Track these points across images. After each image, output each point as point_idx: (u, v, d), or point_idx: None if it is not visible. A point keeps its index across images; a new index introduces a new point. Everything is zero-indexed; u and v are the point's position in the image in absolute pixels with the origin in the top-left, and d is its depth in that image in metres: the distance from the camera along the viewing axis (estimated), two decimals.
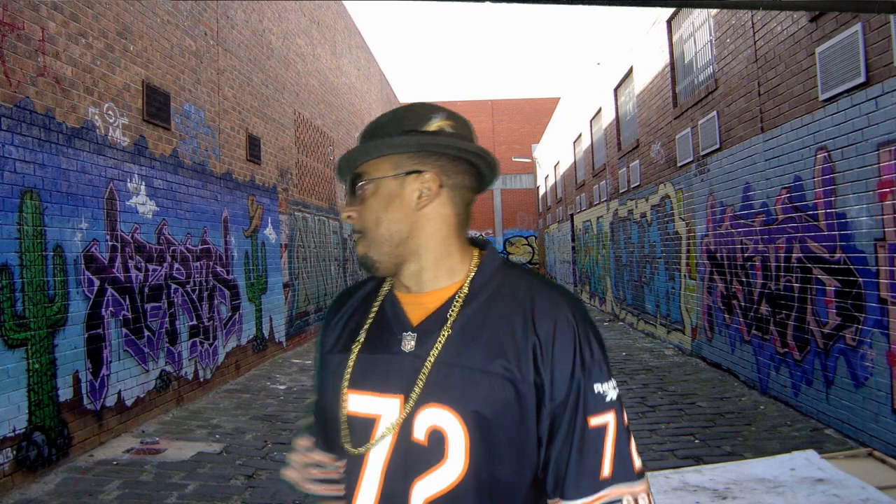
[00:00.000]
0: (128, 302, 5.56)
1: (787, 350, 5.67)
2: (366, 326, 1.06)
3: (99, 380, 5.10)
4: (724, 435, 5.00)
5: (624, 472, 0.93)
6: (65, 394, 4.70)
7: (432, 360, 0.97)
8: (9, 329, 4.20)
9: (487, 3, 3.36)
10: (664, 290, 9.69)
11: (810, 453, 3.22)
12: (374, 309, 1.07)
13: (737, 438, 4.91)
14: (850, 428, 4.69)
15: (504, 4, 3.35)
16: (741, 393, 6.28)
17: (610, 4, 3.56)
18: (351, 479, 1.02)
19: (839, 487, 2.76)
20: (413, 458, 0.96)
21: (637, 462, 0.95)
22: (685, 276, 8.66)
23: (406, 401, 0.97)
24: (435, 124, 1.02)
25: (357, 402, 1.01)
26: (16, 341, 4.26)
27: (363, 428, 1.00)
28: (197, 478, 4.38)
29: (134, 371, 5.60)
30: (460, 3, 3.47)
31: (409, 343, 1.00)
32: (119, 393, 5.35)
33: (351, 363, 1.03)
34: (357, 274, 14.81)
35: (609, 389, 0.95)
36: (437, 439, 0.95)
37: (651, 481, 3.12)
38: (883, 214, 4.22)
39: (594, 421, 0.93)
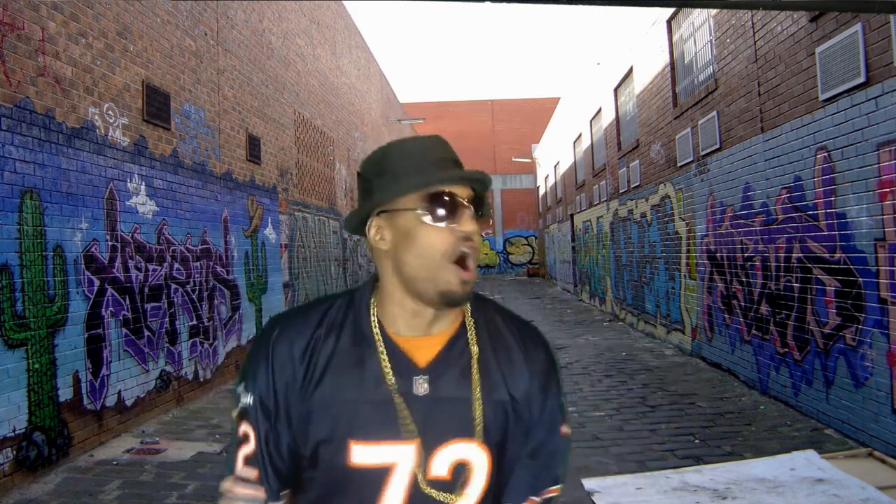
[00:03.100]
0: (128, 302, 5.55)
1: (787, 350, 5.67)
2: (378, 372, 1.01)
3: (99, 380, 5.10)
4: (724, 435, 5.00)
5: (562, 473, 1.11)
6: (65, 394, 4.70)
7: (449, 397, 1.01)
8: (9, 329, 4.20)
9: (487, 3, 3.37)
10: (664, 290, 9.69)
11: (810, 453, 3.22)
12: (374, 355, 1.02)
13: (737, 438, 4.91)
14: (850, 428, 4.69)
15: (504, 4, 3.35)
16: (741, 393, 6.28)
17: (610, 4, 3.57)
18: None
19: (839, 487, 2.76)
20: (430, 497, 0.99)
21: None
22: (685, 276, 8.66)
23: (425, 442, 0.99)
24: None
25: (371, 453, 0.99)
26: (16, 341, 4.25)
27: (377, 477, 0.99)
28: (197, 478, 4.38)
29: (134, 371, 5.60)
30: (460, 3, 3.47)
31: (421, 386, 1.01)
32: (119, 393, 5.35)
33: (355, 413, 0.99)
34: (357, 274, 14.80)
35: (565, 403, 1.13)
36: (461, 474, 1.01)
37: (651, 481, 3.12)
38: (883, 214, 4.22)
39: (565, 429, 1.10)
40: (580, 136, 17.51)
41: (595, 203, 15.15)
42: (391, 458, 0.98)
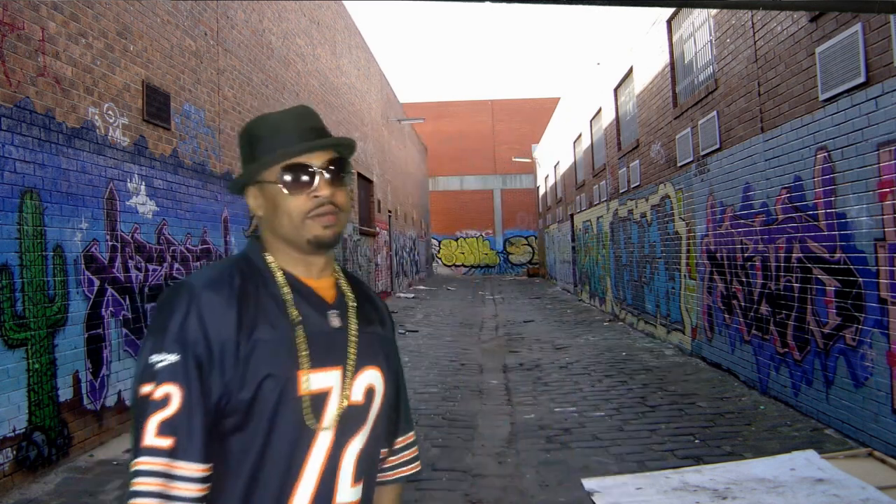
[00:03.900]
0: (128, 302, 5.56)
1: (787, 350, 5.67)
2: (290, 308, 1.10)
3: (99, 380, 5.10)
4: (724, 435, 5.00)
5: None
6: (65, 394, 4.70)
7: (357, 330, 1.16)
8: (9, 329, 4.20)
9: (487, 3, 3.37)
10: (664, 290, 9.69)
11: (810, 453, 3.22)
12: (286, 291, 1.12)
13: (737, 438, 4.91)
14: (850, 428, 4.69)
15: (504, 4, 3.36)
16: (741, 393, 6.28)
17: (610, 4, 3.57)
18: (296, 455, 1.07)
19: (839, 487, 2.76)
20: (351, 420, 1.12)
21: None
22: (685, 276, 8.66)
23: (346, 369, 1.12)
24: None
25: (313, 380, 1.08)
26: (16, 341, 4.25)
27: (318, 403, 1.08)
28: None
29: (134, 371, 5.60)
30: (460, 3, 3.47)
31: (334, 319, 1.14)
32: (119, 393, 5.35)
33: (300, 343, 1.08)
34: (357, 274, 14.78)
35: None
36: (371, 398, 1.15)
37: (651, 481, 3.12)
38: (883, 214, 4.22)
39: None
40: (580, 136, 17.51)
41: (595, 203, 15.16)
42: (329, 382, 1.10)
